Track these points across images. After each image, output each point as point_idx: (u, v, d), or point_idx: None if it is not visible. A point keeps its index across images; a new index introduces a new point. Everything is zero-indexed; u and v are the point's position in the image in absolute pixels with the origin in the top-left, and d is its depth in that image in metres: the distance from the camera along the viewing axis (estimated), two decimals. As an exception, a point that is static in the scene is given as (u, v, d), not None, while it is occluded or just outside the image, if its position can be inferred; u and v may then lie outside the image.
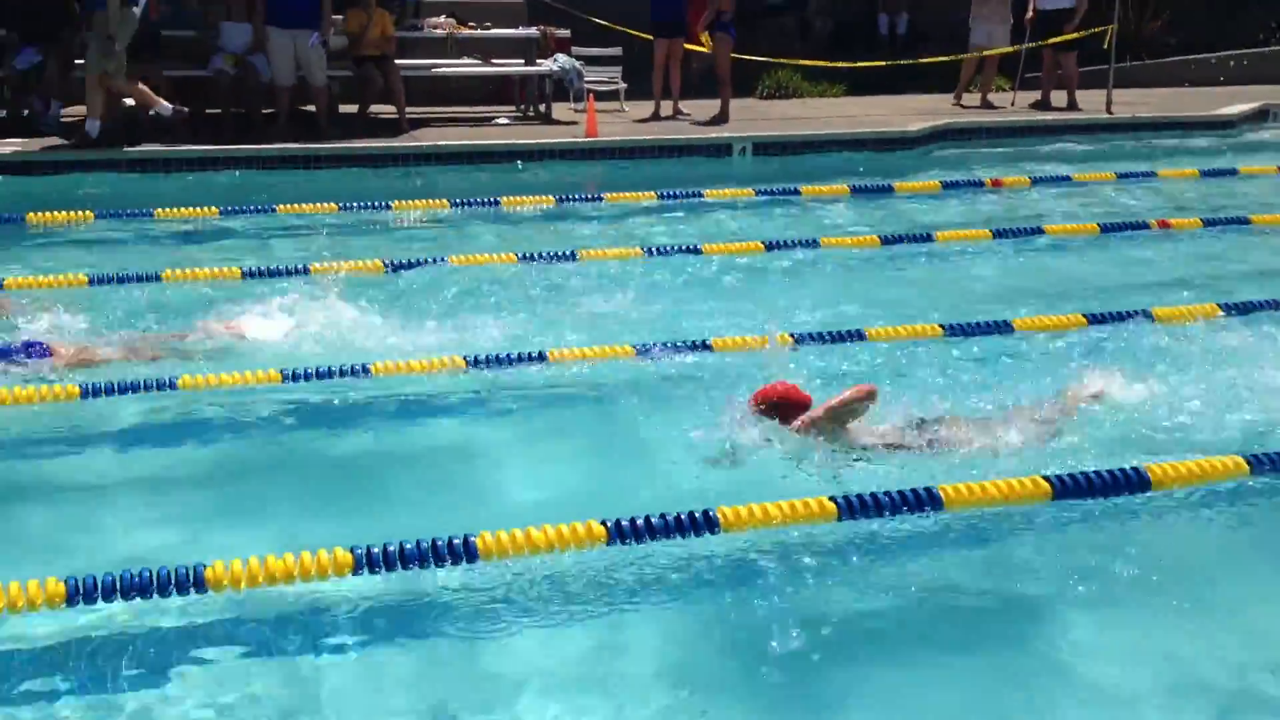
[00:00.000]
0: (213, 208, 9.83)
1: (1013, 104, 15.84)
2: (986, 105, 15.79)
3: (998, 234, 9.57)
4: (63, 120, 12.53)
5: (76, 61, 12.47)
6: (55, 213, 9.50)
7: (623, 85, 15.24)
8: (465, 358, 6.40)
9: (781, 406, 5.21)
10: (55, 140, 12.00)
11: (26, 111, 12.73)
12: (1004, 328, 7.05)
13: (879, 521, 4.69)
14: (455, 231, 9.99)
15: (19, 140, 11.94)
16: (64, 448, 5.66)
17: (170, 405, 6.01)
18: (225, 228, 9.73)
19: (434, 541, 4.31)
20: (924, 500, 4.71)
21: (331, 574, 4.20)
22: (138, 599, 4.04)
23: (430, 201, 10.46)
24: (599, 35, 15.56)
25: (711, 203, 10.85)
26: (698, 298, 7.92)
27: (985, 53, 15.79)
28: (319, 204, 10.08)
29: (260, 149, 12.08)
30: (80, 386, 5.90)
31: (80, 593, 3.99)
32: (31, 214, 9.41)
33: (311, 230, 9.85)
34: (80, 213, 9.54)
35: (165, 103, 11.96)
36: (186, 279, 7.97)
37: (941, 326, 6.98)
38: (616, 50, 15.53)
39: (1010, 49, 15.87)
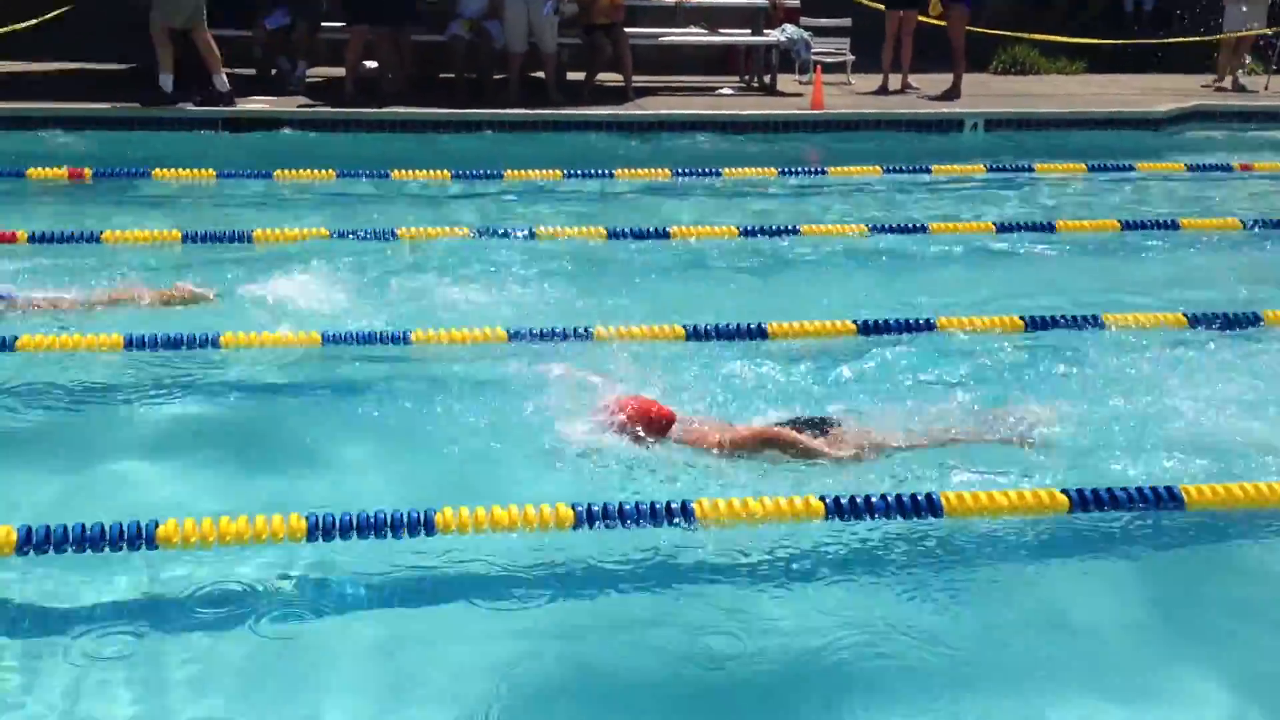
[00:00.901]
0: (445, 170, 10.09)
1: (1266, 88, 14.91)
2: (1238, 88, 14.91)
3: (1248, 224, 9.01)
4: (308, 80, 13.09)
5: (324, 24, 13.06)
6: (300, 170, 9.92)
7: (850, 57, 14.98)
8: (685, 327, 6.40)
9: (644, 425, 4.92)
10: (301, 99, 12.56)
11: (275, 71, 13.36)
12: (1251, 320, 6.66)
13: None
14: (677, 201, 10.01)
15: (268, 98, 12.53)
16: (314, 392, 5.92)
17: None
18: (457, 190, 9.98)
19: (653, 504, 4.36)
20: (1163, 498, 4.51)
21: (553, 527, 4.28)
22: (372, 537, 4.21)
23: (653, 170, 10.50)
24: (828, 5, 15.32)
25: (940, 179, 10.58)
26: (924, 277, 7.73)
27: (1240, 34, 14.90)
28: (545, 169, 10.24)
29: (491, 114, 12.37)
30: (322, 334, 6.16)
31: (320, 529, 4.17)
32: (279, 170, 9.84)
33: (537, 195, 10.03)
34: (323, 171, 9.93)
35: (224, 77, 12.03)
36: (421, 238, 8.20)
37: (1185, 316, 6.63)
38: (845, 21, 15.26)
39: (1268, 31, 14.94)
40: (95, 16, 13.95)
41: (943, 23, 14.01)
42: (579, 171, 10.28)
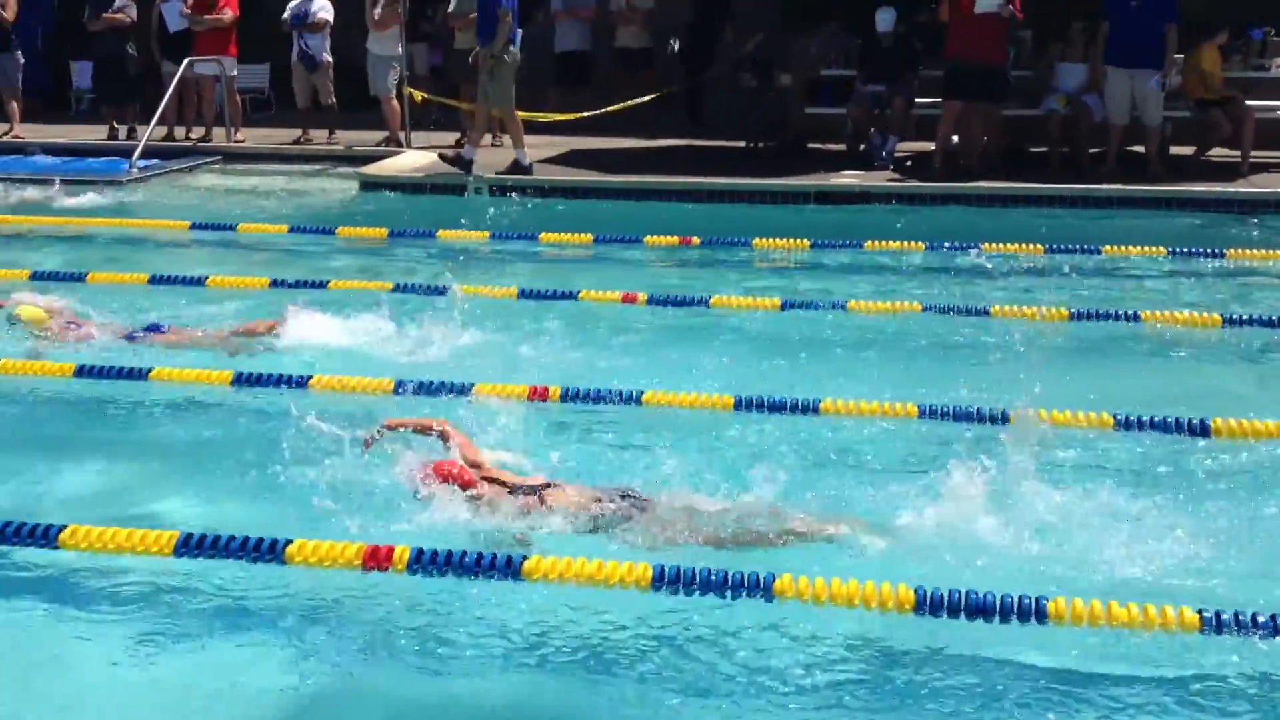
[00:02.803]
0: (1037, 245, 9.79)
1: None
2: None
3: None
4: (897, 155, 13.29)
5: (919, 100, 13.23)
6: (888, 241, 10.04)
7: None
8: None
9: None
10: (889, 173, 12.77)
11: (863, 146, 13.70)
12: None
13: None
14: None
15: (857, 172, 12.84)
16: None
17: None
18: (1048, 266, 9.62)
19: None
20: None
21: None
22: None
23: (1270, 252, 9.59)
24: None
25: None
26: None
27: None
28: (1147, 247, 9.67)
29: (1087, 189, 11.90)
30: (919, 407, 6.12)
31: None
32: (869, 241, 10.03)
33: (1135, 274, 9.49)
34: (911, 243, 9.97)
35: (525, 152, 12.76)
36: (1013, 316, 7.96)
37: None
38: None
39: None
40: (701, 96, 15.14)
41: None
42: (1184, 250, 9.61)
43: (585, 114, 14.68)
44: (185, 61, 14.70)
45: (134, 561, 4.72)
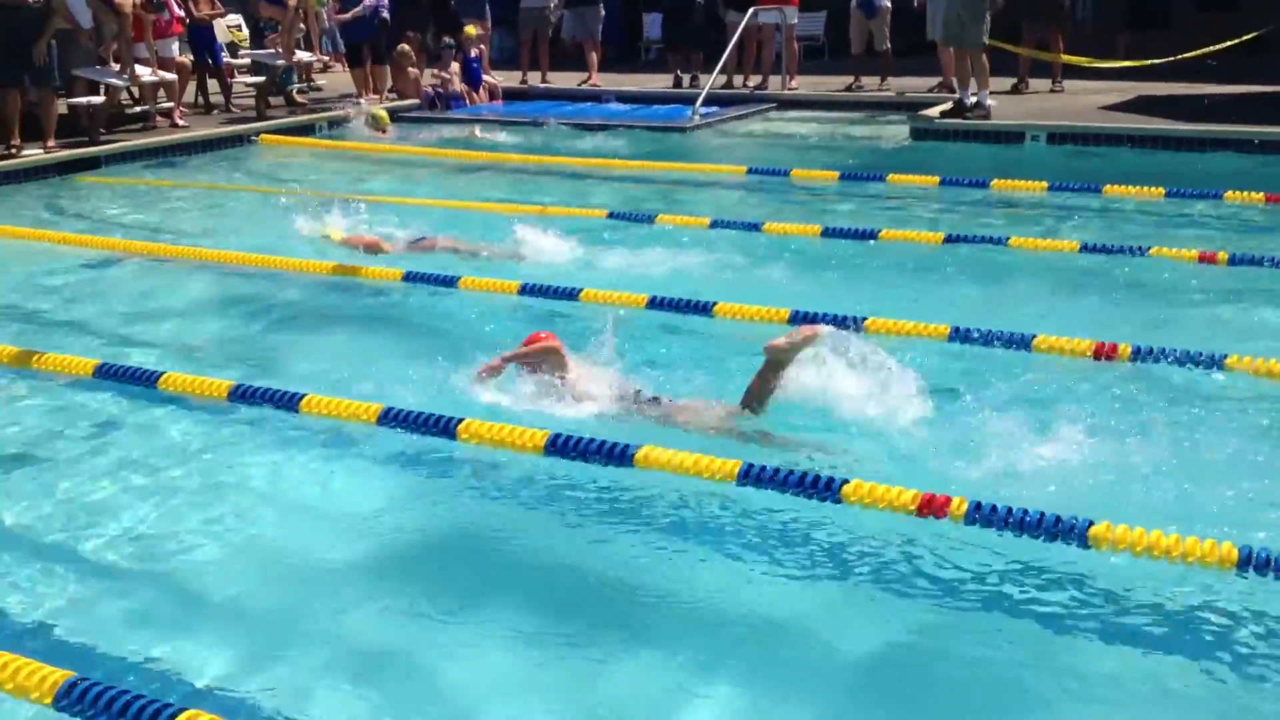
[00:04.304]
0: None
1: None
2: None
3: None
4: None
5: None
6: None
7: None
8: None
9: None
10: None
11: None
12: None
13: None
14: None
15: None
16: None
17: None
18: None
19: None
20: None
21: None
22: None
23: None
24: None
25: None
26: None
27: None
28: None
29: None
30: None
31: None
32: None
33: None
34: None
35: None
36: None
37: None
38: None
39: None
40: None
41: None
42: None
43: (1153, 61, 13.59)
44: (750, 10, 15.16)
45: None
